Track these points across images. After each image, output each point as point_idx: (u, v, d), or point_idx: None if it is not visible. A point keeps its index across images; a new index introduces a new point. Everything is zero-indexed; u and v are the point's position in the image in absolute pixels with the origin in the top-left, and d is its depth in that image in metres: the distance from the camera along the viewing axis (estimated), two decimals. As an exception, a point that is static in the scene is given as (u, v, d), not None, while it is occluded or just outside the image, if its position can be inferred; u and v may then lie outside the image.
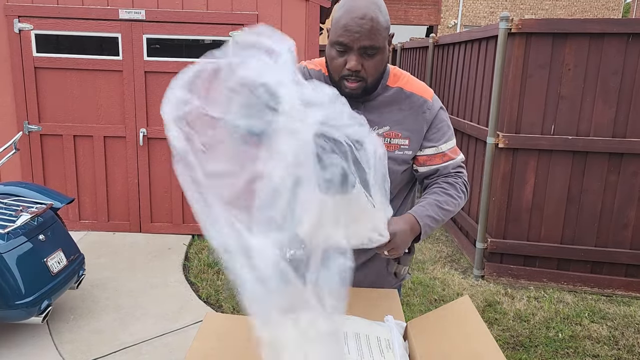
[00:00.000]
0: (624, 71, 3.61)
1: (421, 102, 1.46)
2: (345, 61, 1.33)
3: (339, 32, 1.31)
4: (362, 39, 1.29)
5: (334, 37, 1.33)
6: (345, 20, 1.30)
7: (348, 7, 1.31)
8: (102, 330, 3.17)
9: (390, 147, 1.44)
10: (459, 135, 4.98)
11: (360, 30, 1.28)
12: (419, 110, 1.46)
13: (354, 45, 1.30)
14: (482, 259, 4.11)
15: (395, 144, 1.44)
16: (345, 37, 1.30)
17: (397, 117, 1.44)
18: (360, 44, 1.29)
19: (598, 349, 3.17)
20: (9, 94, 4.44)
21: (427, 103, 1.47)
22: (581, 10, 19.62)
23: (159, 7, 4.34)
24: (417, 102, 1.46)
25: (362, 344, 1.17)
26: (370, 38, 1.29)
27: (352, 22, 1.29)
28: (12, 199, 3.18)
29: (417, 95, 1.46)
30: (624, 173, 3.74)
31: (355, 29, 1.28)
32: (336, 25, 1.32)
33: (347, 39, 1.30)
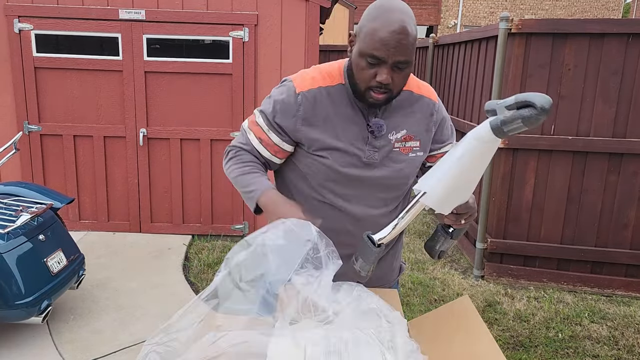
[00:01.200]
0: (624, 71, 3.61)
1: (430, 105, 1.49)
2: (376, 73, 1.30)
3: (375, 45, 1.26)
4: (398, 54, 1.26)
5: (367, 49, 1.28)
6: (383, 34, 1.25)
7: (385, 20, 1.26)
8: (102, 330, 3.17)
9: (405, 150, 1.46)
10: (459, 135, 4.97)
11: (397, 46, 1.25)
12: (427, 112, 1.48)
13: (388, 60, 1.27)
14: (482, 259, 4.11)
15: (409, 146, 1.47)
16: (382, 51, 1.26)
17: (411, 120, 1.46)
18: (396, 58, 1.27)
19: (598, 349, 3.17)
20: (9, 94, 4.44)
21: (435, 105, 1.50)
22: (581, 11, 19.63)
23: (159, 7, 4.34)
24: (426, 105, 1.48)
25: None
26: (406, 53, 1.27)
27: (389, 36, 1.25)
28: (12, 199, 3.18)
29: (425, 98, 1.49)
30: (624, 173, 3.74)
31: (392, 44, 1.25)
32: (371, 37, 1.27)
33: (383, 53, 1.26)
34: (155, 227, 4.74)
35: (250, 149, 1.49)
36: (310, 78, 1.43)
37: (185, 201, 4.71)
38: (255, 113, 1.50)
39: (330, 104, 1.41)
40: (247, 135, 1.49)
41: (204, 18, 4.33)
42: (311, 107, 1.41)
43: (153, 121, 4.54)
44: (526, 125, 0.98)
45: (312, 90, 1.41)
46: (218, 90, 4.50)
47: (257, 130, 1.47)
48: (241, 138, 1.51)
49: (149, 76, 4.45)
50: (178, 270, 4.04)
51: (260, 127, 1.46)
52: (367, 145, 1.42)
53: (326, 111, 1.41)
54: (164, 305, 3.50)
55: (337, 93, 1.42)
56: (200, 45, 4.50)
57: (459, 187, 1.13)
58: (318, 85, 1.42)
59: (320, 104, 1.41)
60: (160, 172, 4.66)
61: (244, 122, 1.53)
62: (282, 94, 1.43)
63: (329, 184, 1.45)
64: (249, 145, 1.49)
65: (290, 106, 1.41)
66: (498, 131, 1.03)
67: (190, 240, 4.63)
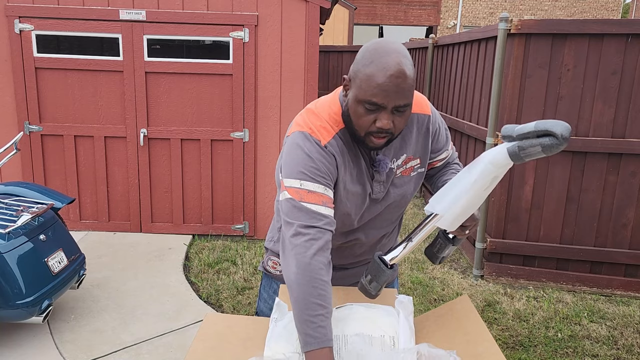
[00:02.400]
0: (623, 71, 3.62)
1: (424, 120, 1.46)
2: (375, 119, 1.23)
3: (373, 91, 1.20)
4: (398, 99, 1.20)
5: (365, 96, 1.21)
6: (381, 80, 1.19)
7: (381, 64, 1.20)
8: (103, 329, 3.18)
9: (406, 171, 1.45)
10: (459, 135, 4.98)
11: (397, 90, 1.19)
12: (423, 128, 1.46)
13: (388, 105, 1.21)
14: (482, 258, 4.12)
15: (411, 166, 1.45)
16: (381, 97, 1.20)
17: (409, 142, 1.44)
18: (396, 103, 1.21)
19: (597, 348, 3.18)
20: (10, 94, 4.45)
21: (429, 118, 1.46)
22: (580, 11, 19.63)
23: (160, 8, 4.35)
24: (421, 121, 1.45)
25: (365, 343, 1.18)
26: (405, 96, 1.21)
27: (387, 81, 1.18)
28: (12, 199, 3.19)
29: (420, 115, 1.45)
30: (623, 173, 3.75)
31: (392, 89, 1.19)
32: (368, 83, 1.20)
33: (382, 100, 1.20)
34: (155, 227, 4.75)
35: (324, 223, 1.26)
36: (322, 128, 1.34)
37: (185, 201, 4.72)
38: (292, 187, 1.28)
39: (346, 151, 1.35)
40: (309, 209, 1.25)
41: (205, 19, 4.34)
42: (340, 157, 1.34)
43: (153, 121, 4.55)
44: (545, 153, 1.01)
45: (332, 141, 1.33)
46: (218, 91, 4.51)
47: (315, 198, 1.27)
48: (303, 216, 1.25)
49: (150, 76, 4.46)
50: (178, 270, 4.05)
51: (315, 191, 1.28)
52: (374, 182, 1.40)
53: (344, 158, 1.35)
54: (164, 305, 3.51)
55: (337, 142, 1.34)
56: (201, 46, 4.51)
57: (470, 207, 1.18)
58: (334, 134, 1.34)
59: (342, 151, 1.35)
60: (161, 172, 4.66)
61: (287, 204, 1.28)
62: (311, 152, 1.30)
63: (344, 228, 1.46)
64: (320, 218, 1.26)
65: (327, 159, 1.31)
66: (515, 157, 1.05)
67: (191, 240, 4.64)
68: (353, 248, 1.53)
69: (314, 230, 1.23)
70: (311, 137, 1.31)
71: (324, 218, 1.25)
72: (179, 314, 3.40)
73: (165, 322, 3.30)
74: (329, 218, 1.26)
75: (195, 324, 3.27)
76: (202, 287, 3.81)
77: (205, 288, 3.79)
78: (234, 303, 3.56)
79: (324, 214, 1.26)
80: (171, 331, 3.20)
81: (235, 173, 4.62)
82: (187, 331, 3.21)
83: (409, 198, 1.50)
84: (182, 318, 3.35)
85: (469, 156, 4.71)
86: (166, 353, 2.98)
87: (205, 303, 3.57)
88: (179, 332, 3.19)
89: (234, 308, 3.50)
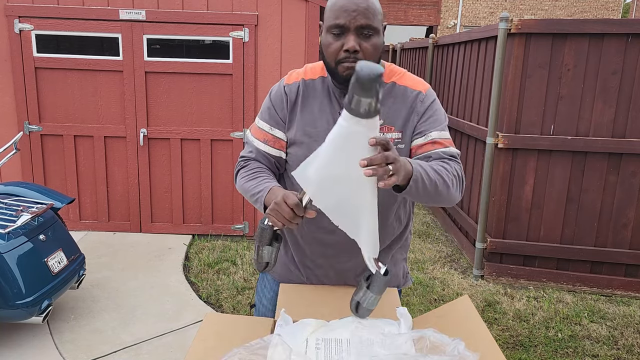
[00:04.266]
0: (624, 71, 3.61)
1: (414, 95, 1.43)
2: (342, 44, 1.32)
3: (335, 14, 1.31)
4: (360, 18, 1.29)
5: (329, 21, 1.33)
6: (342, 3, 1.31)
7: None
8: (103, 329, 3.18)
9: None
10: (459, 135, 4.98)
11: (357, 9, 1.29)
12: (411, 102, 1.43)
13: (351, 25, 1.30)
14: (482, 258, 4.12)
15: (390, 137, 1.42)
16: (342, 17, 1.30)
17: (390, 111, 1.42)
18: (358, 23, 1.30)
19: (597, 348, 3.18)
20: (10, 94, 4.44)
21: (420, 95, 1.44)
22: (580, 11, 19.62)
23: (159, 8, 4.34)
24: (410, 95, 1.43)
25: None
26: (367, 17, 1.30)
27: (348, 2, 1.30)
28: (12, 199, 3.18)
29: (410, 89, 1.44)
30: (623, 173, 3.75)
31: (352, 8, 1.29)
32: (331, 9, 1.33)
33: (344, 20, 1.30)
34: (155, 227, 4.75)
35: (256, 155, 1.50)
36: (296, 73, 1.50)
37: (185, 201, 4.72)
38: (254, 124, 1.55)
39: (310, 95, 1.46)
40: (251, 143, 1.52)
41: (204, 18, 4.34)
42: (293, 98, 1.46)
43: (153, 121, 4.54)
44: (353, 91, 0.98)
45: (296, 83, 1.48)
46: (218, 91, 4.50)
47: (259, 133, 1.50)
48: (246, 148, 1.54)
49: (149, 76, 4.46)
50: (178, 270, 4.05)
51: (262, 128, 1.50)
52: None
53: (304, 101, 1.46)
54: (164, 305, 3.50)
55: (317, 85, 1.46)
56: (201, 46, 4.51)
57: (340, 177, 1.10)
58: (301, 78, 1.48)
59: (300, 95, 1.46)
60: (161, 172, 4.66)
61: (247, 133, 1.57)
62: (274, 90, 1.52)
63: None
64: (254, 151, 1.50)
65: (280, 98, 1.48)
66: (349, 109, 1.02)
67: (191, 240, 4.64)
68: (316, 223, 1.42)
69: (243, 160, 1.52)
70: (282, 81, 1.51)
71: (257, 152, 1.49)
72: (179, 314, 3.40)
73: (165, 322, 3.30)
74: (261, 153, 1.49)
75: (195, 324, 3.27)
76: (202, 287, 3.80)
77: (205, 288, 3.79)
78: (233, 303, 3.56)
79: (260, 149, 1.49)
80: (171, 331, 3.20)
81: (235, 173, 4.62)
82: (187, 331, 3.20)
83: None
84: (182, 318, 3.35)
85: (469, 156, 4.71)
86: (166, 353, 2.97)
87: (205, 303, 3.57)
88: (179, 332, 3.19)
89: (233, 308, 3.50)
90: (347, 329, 1.22)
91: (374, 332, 1.20)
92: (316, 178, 1.12)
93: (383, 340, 1.15)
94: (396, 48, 8.31)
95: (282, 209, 1.20)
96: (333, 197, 1.14)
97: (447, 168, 1.36)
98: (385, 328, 1.22)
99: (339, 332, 1.22)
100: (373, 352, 1.13)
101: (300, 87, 1.46)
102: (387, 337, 1.16)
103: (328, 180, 1.11)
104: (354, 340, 1.18)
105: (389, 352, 1.12)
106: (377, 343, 1.16)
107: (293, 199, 1.20)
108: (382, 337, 1.17)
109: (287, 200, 1.20)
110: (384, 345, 1.15)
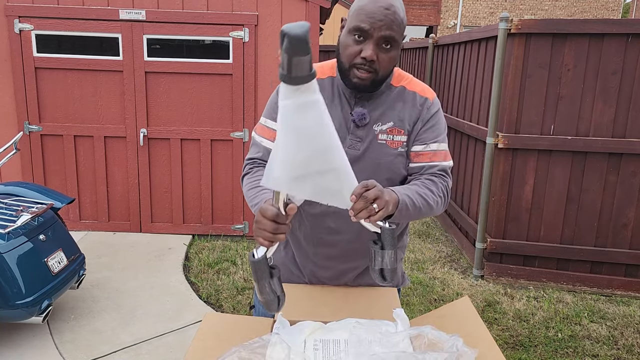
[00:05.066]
0: (624, 71, 3.61)
1: (422, 101, 1.46)
2: (361, 50, 1.31)
3: (361, 17, 1.29)
4: (384, 28, 1.28)
5: (354, 23, 1.31)
6: (371, 8, 1.29)
7: None
8: (103, 329, 3.18)
9: (394, 144, 1.43)
10: (459, 135, 4.98)
11: (384, 19, 1.28)
12: (418, 108, 1.45)
13: (374, 34, 1.29)
14: (482, 258, 4.12)
15: (399, 140, 1.43)
16: (368, 23, 1.28)
17: (400, 114, 1.44)
18: (381, 33, 1.29)
19: (597, 348, 3.18)
20: (10, 94, 4.44)
21: (427, 102, 1.46)
22: (580, 11, 19.62)
23: (159, 8, 4.34)
24: (418, 101, 1.46)
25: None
26: (391, 29, 1.29)
27: (377, 10, 1.28)
28: (12, 199, 3.18)
29: (419, 95, 1.46)
30: (623, 173, 3.75)
31: (379, 17, 1.28)
32: (359, 12, 1.31)
33: (369, 26, 1.28)
34: (155, 227, 4.75)
35: (263, 154, 1.47)
36: None
37: (185, 201, 4.72)
38: (259, 124, 1.51)
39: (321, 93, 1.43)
40: (259, 144, 1.48)
41: (204, 18, 4.34)
42: None
43: (153, 121, 4.54)
44: (290, 55, 0.90)
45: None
46: (218, 91, 4.50)
47: (268, 132, 1.47)
48: (252, 150, 1.51)
49: (149, 76, 4.46)
50: (178, 270, 4.05)
51: (271, 127, 1.46)
52: (349, 134, 1.41)
53: None
54: (164, 305, 3.50)
55: (326, 85, 1.44)
56: (201, 46, 4.51)
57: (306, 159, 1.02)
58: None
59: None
60: (161, 172, 4.66)
61: (253, 135, 1.53)
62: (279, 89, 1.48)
63: None
64: (262, 151, 1.47)
65: None
66: (283, 78, 0.95)
67: (191, 240, 4.64)
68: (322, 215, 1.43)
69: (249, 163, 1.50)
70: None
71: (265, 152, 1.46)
72: (178, 314, 3.40)
73: (165, 322, 3.30)
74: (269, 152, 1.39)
75: (195, 324, 3.27)
76: (202, 287, 3.80)
77: (205, 288, 3.79)
78: (233, 303, 3.56)
79: (268, 148, 1.45)
80: (171, 331, 3.20)
81: (235, 173, 4.62)
82: (187, 331, 3.20)
83: (392, 176, 1.43)
84: (182, 318, 3.35)
85: (469, 156, 4.71)
86: (166, 353, 2.97)
87: (205, 303, 3.57)
88: (179, 332, 3.19)
89: (233, 308, 3.50)
90: (345, 330, 1.22)
91: (371, 332, 1.20)
92: (285, 175, 1.04)
93: (381, 339, 1.16)
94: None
95: (263, 225, 1.11)
96: (309, 182, 1.06)
97: (434, 190, 1.40)
98: (383, 328, 1.22)
99: (336, 333, 1.22)
100: (371, 350, 1.13)
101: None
102: (385, 336, 1.16)
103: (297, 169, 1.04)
104: (352, 339, 1.18)
105: (387, 350, 1.12)
106: (375, 342, 1.16)
107: (271, 210, 1.11)
108: (379, 335, 1.17)
109: (265, 214, 1.11)
110: (382, 343, 1.15)
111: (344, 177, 1.08)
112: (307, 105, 0.98)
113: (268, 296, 1.16)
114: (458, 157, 5.03)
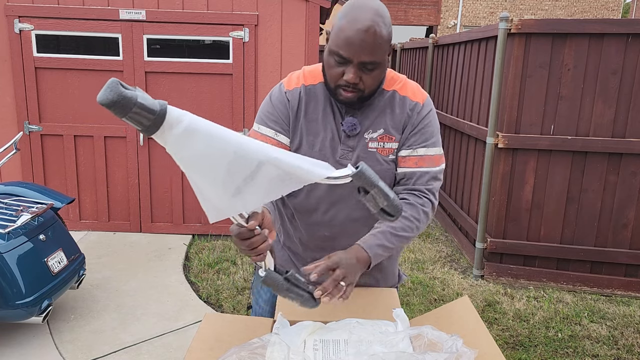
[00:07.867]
0: (624, 71, 3.61)
1: (412, 106, 1.42)
2: (343, 72, 1.28)
3: (339, 43, 1.25)
4: (363, 54, 1.24)
5: (333, 47, 1.27)
6: (348, 33, 1.24)
7: (352, 18, 1.25)
8: (103, 329, 3.18)
9: (385, 152, 1.41)
10: (459, 135, 4.98)
11: (362, 45, 1.23)
12: (407, 113, 1.42)
13: (353, 59, 1.25)
14: (482, 258, 4.12)
15: (389, 147, 1.41)
16: (345, 50, 1.25)
17: (391, 121, 1.41)
18: (361, 59, 1.25)
19: (597, 348, 3.18)
20: (10, 94, 4.45)
21: (417, 106, 1.42)
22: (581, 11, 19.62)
23: (159, 8, 4.34)
24: (408, 106, 1.42)
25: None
26: (371, 54, 1.25)
27: (354, 35, 1.23)
28: (12, 199, 3.18)
29: (409, 100, 1.42)
30: (623, 173, 3.75)
31: (357, 43, 1.23)
32: (337, 35, 1.26)
33: (347, 53, 1.25)
34: (155, 227, 4.75)
35: None
36: (295, 77, 1.45)
37: (185, 201, 4.72)
38: (253, 130, 1.44)
39: (311, 102, 1.41)
40: None
41: (204, 18, 4.34)
42: (296, 106, 1.41)
43: (153, 121, 4.54)
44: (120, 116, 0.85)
45: (297, 89, 1.42)
46: (218, 91, 4.50)
47: (259, 138, 1.40)
48: None
49: (150, 76, 4.46)
50: (178, 270, 4.05)
51: (266, 134, 1.41)
52: (341, 144, 1.40)
53: (307, 109, 1.41)
54: (164, 305, 3.50)
55: (318, 91, 1.42)
56: (201, 46, 4.51)
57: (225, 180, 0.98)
58: (301, 84, 1.42)
59: (302, 102, 1.41)
60: (161, 172, 4.66)
61: None
62: (274, 95, 1.45)
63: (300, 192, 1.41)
64: None
65: (283, 104, 1.42)
66: (143, 133, 0.93)
67: (191, 240, 4.64)
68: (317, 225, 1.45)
69: None
70: (282, 85, 1.44)
71: None
72: (178, 314, 3.40)
73: (165, 322, 3.30)
74: None
75: (195, 324, 3.27)
76: (202, 287, 3.80)
77: (205, 288, 3.79)
78: (233, 303, 3.56)
79: None
80: (171, 331, 3.20)
81: (235, 173, 4.61)
82: (187, 331, 3.20)
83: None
84: (182, 318, 3.35)
85: (469, 156, 4.71)
86: (166, 353, 2.97)
87: (205, 303, 3.57)
88: (179, 332, 3.19)
89: (233, 308, 3.50)
90: (345, 330, 1.22)
91: (371, 332, 1.20)
92: (223, 201, 0.99)
93: (380, 339, 1.16)
94: (396, 48, 8.30)
95: (239, 245, 1.09)
96: (250, 189, 0.98)
97: (411, 215, 1.36)
98: (383, 328, 1.22)
99: (336, 333, 1.22)
100: (371, 350, 1.13)
101: (302, 94, 1.42)
102: (385, 336, 1.16)
103: (229, 187, 0.98)
104: (352, 339, 1.18)
105: (386, 350, 1.12)
106: (374, 342, 1.16)
107: (235, 230, 1.08)
108: (379, 335, 1.17)
109: (233, 234, 1.09)
110: (382, 343, 1.15)
111: (276, 162, 0.97)
112: (182, 134, 0.93)
113: (299, 299, 1.16)
114: (458, 157, 5.03)
